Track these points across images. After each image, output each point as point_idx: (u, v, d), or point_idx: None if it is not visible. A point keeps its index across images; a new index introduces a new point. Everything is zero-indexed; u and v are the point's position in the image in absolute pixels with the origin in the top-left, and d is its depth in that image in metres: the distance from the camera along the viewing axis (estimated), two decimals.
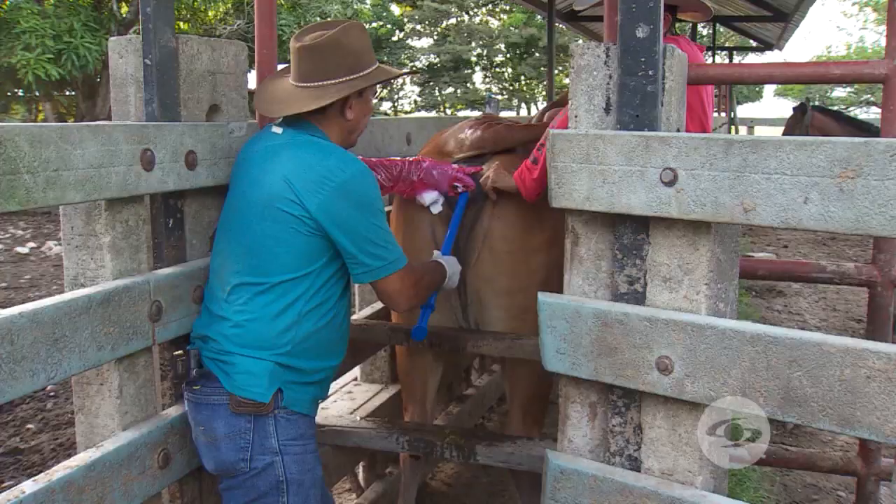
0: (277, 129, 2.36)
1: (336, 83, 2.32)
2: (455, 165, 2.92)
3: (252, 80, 2.87)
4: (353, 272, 2.29)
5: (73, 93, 13.65)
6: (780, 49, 15.02)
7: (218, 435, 2.21)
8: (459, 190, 2.86)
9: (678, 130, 1.99)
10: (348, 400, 3.84)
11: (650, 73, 1.90)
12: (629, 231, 1.95)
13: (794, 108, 10.04)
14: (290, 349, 2.23)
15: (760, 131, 20.12)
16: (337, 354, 2.40)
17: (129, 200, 2.15)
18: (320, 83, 2.32)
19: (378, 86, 2.53)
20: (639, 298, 1.95)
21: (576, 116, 2.02)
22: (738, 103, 23.62)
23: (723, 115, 17.16)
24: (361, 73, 2.36)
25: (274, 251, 2.21)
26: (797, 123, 9.84)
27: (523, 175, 2.68)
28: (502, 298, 2.92)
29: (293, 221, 2.19)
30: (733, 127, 17.34)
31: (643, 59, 1.90)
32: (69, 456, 3.04)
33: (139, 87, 2.25)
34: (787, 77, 2.28)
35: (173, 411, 2.33)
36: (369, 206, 2.23)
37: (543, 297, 2.03)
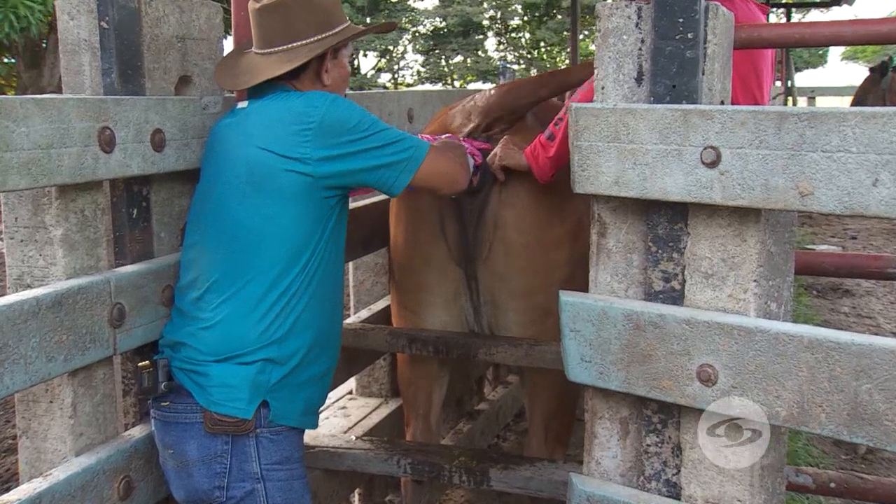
0: (243, 104, 2.41)
1: (307, 43, 2.37)
2: (461, 138, 2.90)
3: (229, 46, 2.86)
4: (391, 183, 2.35)
5: (13, 60, 13.55)
6: (850, 4, 14.79)
7: (190, 459, 2.21)
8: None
9: (722, 103, 1.98)
10: (342, 417, 3.85)
11: (689, 36, 1.88)
12: (665, 220, 1.94)
13: (871, 69, 9.92)
14: (279, 337, 2.24)
15: (823, 102, 19.95)
16: (331, 348, 2.43)
17: (85, 187, 2.14)
18: (289, 45, 2.37)
19: (376, 55, 2.57)
20: (676, 297, 1.95)
21: (602, 88, 2.01)
22: (797, 70, 23.44)
23: (778, 84, 17.04)
24: (333, 31, 2.41)
25: (263, 232, 2.23)
26: (872, 87, 9.72)
27: (536, 152, 2.66)
28: (519, 299, 2.92)
29: (287, 190, 2.23)
30: (790, 98, 17.23)
31: (681, 21, 1.88)
32: (9, 489, 3.03)
33: (95, 54, 2.24)
34: (859, 37, 2.23)
35: (137, 432, 2.32)
36: (359, 124, 2.28)
37: (566, 297, 2.03)
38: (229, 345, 2.22)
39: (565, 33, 29.57)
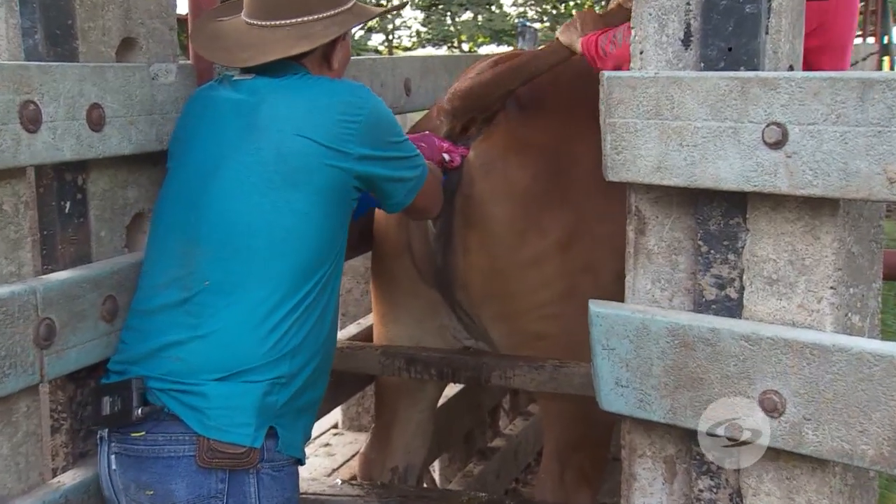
0: (246, 76, 2.46)
1: (321, 19, 2.46)
2: (442, 139, 2.99)
3: (182, 2, 2.85)
4: (398, 199, 2.55)
5: None
6: None
7: (177, 501, 2.20)
8: (447, 164, 2.94)
9: (791, 69, 1.96)
10: (325, 456, 3.85)
11: None
12: (718, 213, 1.94)
13: None
14: (289, 352, 2.26)
15: None
16: (328, 370, 2.47)
17: (4, 175, 2.12)
18: (300, 20, 2.45)
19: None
20: (733, 308, 1.95)
21: (641, 52, 2.02)
22: None
23: (870, 41, 16.89)
24: (346, 7, 2.51)
25: (289, 229, 2.29)
26: None
27: (591, 51, 2.76)
28: (501, 324, 3.03)
29: (323, 185, 2.32)
30: (887, 57, 17.07)
31: None
32: None
33: (12, 9, 2.23)
34: None
35: (69, 478, 2.31)
36: (394, 129, 2.49)
37: (597, 308, 2.03)
38: (234, 359, 2.22)
39: None
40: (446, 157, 2.91)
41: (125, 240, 2.48)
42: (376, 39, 32.12)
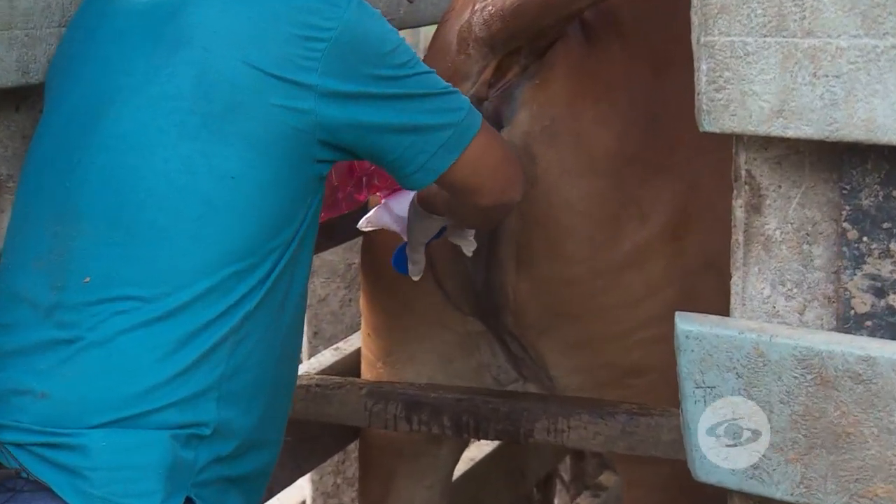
0: None
1: None
2: None
3: None
4: (420, 162, 2.43)
5: None
6: None
7: None
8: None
9: None
10: None
11: None
12: (875, 180, 1.94)
13: None
14: (213, 384, 2.23)
15: None
16: (282, 422, 2.48)
17: None
18: None
19: None
20: None
21: None
22: None
23: None
24: None
25: (212, 200, 2.25)
26: None
27: None
28: (578, 356, 2.99)
29: (266, 136, 2.27)
30: None
31: None
32: None
33: None
34: None
35: None
36: (395, 51, 2.39)
37: (686, 324, 2.04)
38: (127, 393, 2.19)
39: None
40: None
41: None
42: None
